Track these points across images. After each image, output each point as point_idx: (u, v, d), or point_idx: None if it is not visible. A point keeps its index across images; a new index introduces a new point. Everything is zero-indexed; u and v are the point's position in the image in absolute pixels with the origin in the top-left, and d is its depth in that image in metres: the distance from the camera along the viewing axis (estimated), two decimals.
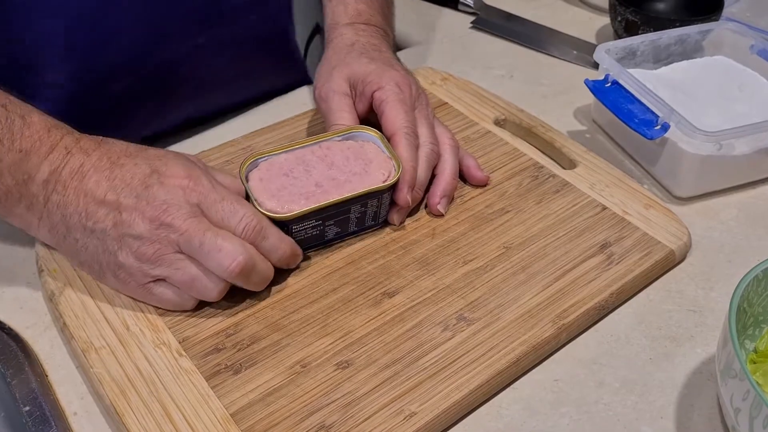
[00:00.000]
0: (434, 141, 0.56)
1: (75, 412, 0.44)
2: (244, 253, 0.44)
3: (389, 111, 0.55)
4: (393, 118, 0.55)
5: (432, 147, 0.55)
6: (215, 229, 0.44)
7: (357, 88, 0.58)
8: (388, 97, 0.56)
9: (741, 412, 0.38)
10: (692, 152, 0.57)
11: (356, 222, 0.52)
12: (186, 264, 0.45)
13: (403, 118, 0.55)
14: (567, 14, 0.87)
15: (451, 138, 0.58)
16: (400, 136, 0.54)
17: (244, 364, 0.44)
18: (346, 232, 0.52)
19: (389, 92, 0.56)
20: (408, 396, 0.43)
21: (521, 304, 0.48)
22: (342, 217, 0.50)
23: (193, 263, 0.45)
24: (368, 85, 0.57)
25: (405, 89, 0.57)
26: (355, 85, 0.58)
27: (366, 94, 0.57)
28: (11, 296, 0.50)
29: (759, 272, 0.43)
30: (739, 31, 0.68)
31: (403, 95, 0.56)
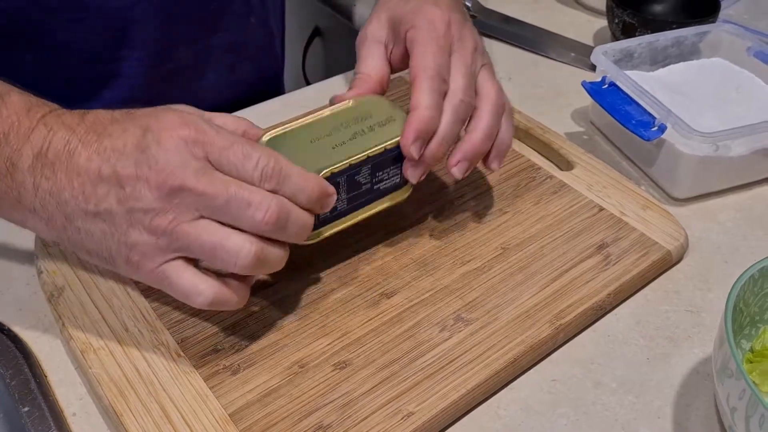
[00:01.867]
0: (468, 92, 0.48)
1: (74, 412, 0.44)
2: (274, 198, 0.39)
3: (416, 50, 0.48)
4: (418, 58, 0.48)
5: (463, 98, 0.48)
6: (235, 182, 0.39)
7: (394, 31, 0.52)
8: (417, 36, 0.49)
9: (737, 411, 0.38)
10: (689, 153, 0.57)
11: (366, 191, 0.48)
12: (206, 229, 0.39)
13: (430, 59, 0.47)
14: (565, 17, 0.87)
15: (497, 94, 0.49)
16: (421, 79, 0.47)
17: (243, 364, 0.44)
18: (356, 202, 0.48)
19: (420, 31, 0.49)
20: (406, 396, 0.43)
21: (519, 305, 0.48)
22: (352, 185, 0.47)
23: (215, 226, 0.39)
24: (402, 25, 0.50)
25: (440, 27, 0.49)
26: (393, 27, 0.52)
27: (400, 35, 0.51)
28: (10, 297, 0.51)
29: (755, 272, 0.43)
30: (736, 33, 0.69)
31: (436, 33, 0.49)
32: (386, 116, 0.48)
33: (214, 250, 0.39)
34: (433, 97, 0.47)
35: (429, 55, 0.48)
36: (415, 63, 0.48)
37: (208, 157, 0.39)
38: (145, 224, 0.39)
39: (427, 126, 0.46)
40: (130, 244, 0.39)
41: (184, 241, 0.39)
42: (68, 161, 0.39)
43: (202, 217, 0.39)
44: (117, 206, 0.39)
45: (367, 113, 0.48)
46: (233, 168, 0.39)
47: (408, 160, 0.47)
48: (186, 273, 0.40)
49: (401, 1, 0.53)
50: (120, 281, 0.49)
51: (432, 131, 0.47)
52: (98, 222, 0.39)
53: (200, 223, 0.39)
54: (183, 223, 0.39)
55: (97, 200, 0.39)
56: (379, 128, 0.48)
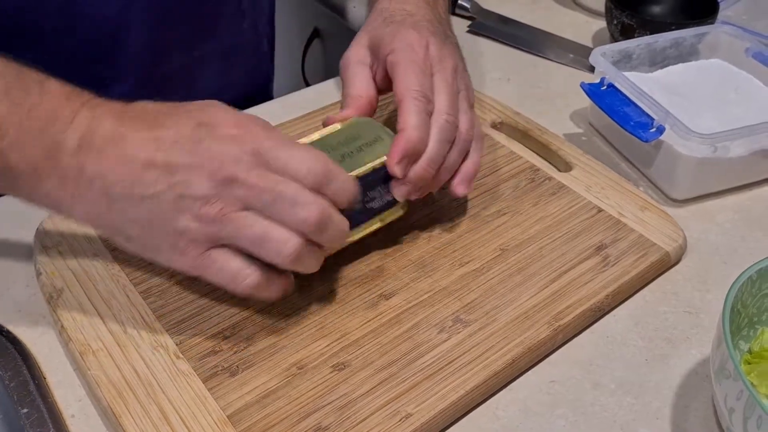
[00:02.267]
0: (453, 110, 0.49)
1: (73, 414, 0.44)
2: (317, 201, 0.40)
3: (398, 73, 0.50)
4: (401, 80, 0.49)
5: (447, 118, 0.49)
6: (284, 179, 0.40)
7: (374, 54, 0.54)
8: (398, 59, 0.50)
9: (735, 412, 0.38)
10: (687, 155, 0.57)
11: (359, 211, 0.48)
12: (254, 219, 0.40)
13: (412, 81, 0.49)
14: (563, 18, 0.87)
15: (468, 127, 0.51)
16: (407, 100, 0.48)
17: (241, 366, 0.44)
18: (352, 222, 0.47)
19: (400, 53, 0.50)
20: (404, 397, 0.43)
21: (517, 306, 0.48)
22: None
23: (260, 218, 0.40)
24: (382, 49, 0.52)
25: (419, 50, 0.51)
26: (373, 50, 0.54)
27: (381, 58, 0.52)
28: (9, 299, 0.51)
29: (753, 273, 0.43)
30: (734, 34, 0.69)
31: (415, 56, 0.50)
32: (374, 137, 0.49)
33: (262, 240, 0.40)
34: (420, 117, 0.47)
35: (412, 77, 0.49)
36: (399, 85, 0.49)
37: (258, 153, 0.40)
38: (194, 211, 0.39)
39: (414, 146, 0.47)
40: (179, 230, 0.40)
41: (231, 230, 0.40)
42: (116, 147, 0.39)
43: (249, 209, 0.40)
44: (167, 192, 0.39)
45: (355, 135, 0.50)
46: (282, 166, 0.40)
47: (394, 181, 0.48)
48: (233, 258, 0.41)
49: (382, 23, 0.55)
50: (119, 283, 0.49)
51: (420, 151, 0.47)
52: (145, 207, 0.40)
53: (247, 214, 0.40)
54: (231, 212, 0.39)
55: (146, 185, 0.39)
56: (367, 148, 0.49)
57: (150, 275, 0.50)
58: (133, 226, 0.41)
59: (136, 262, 0.51)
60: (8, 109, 0.39)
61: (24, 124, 0.39)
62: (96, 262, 0.50)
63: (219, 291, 0.49)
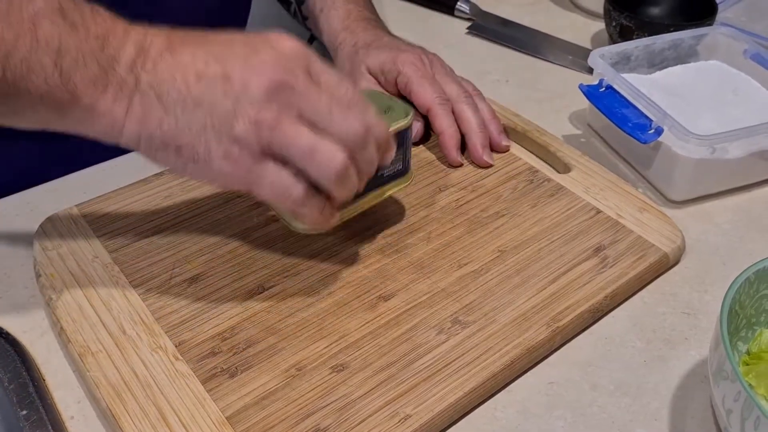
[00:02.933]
0: (463, 91, 0.62)
1: (72, 416, 0.44)
2: (364, 119, 0.42)
3: (416, 90, 0.61)
4: (422, 95, 0.61)
5: (465, 99, 0.62)
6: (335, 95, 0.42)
7: (380, 79, 0.64)
8: (409, 79, 0.61)
9: (733, 413, 0.38)
10: (686, 156, 0.57)
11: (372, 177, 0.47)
12: (305, 130, 0.40)
13: (430, 91, 0.61)
14: (562, 20, 0.87)
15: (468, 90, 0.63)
16: (435, 110, 0.60)
17: (240, 367, 0.44)
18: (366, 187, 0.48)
19: (409, 74, 0.61)
20: (403, 399, 0.43)
21: (516, 307, 0.48)
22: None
23: (310, 131, 0.41)
24: (388, 74, 0.63)
25: (420, 65, 0.62)
26: (377, 76, 0.64)
27: (390, 82, 0.63)
28: (9, 301, 0.51)
29: (751, 274, 0.43)
30: (732, 35, 0.69)
31: (421, 71, 0.62)
32: (385, 106, 0.52)
33: (313, 151, 0.40)
34: (449, 117, 0.61)
35: (428, 87, 0.61)
36: (421, 98, 0.61)
37: (309, 70, 0.41)
38: (251, 116, 0.39)
39: (456, 140, 0.61)
40: (234, 136, 0.40)
41: (285, 138, 0.40)
42: (171, 56, 0.40)
43: (303, 119, 0.40)
44: (222, 97, 0.40)
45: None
46: (329, 86, 0.42)
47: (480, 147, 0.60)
48: (284, 169, 0.41)
49: (368, 52, 0.64)
50: (119, 284, 0.49)
51: (459, 139, 0.61)
52: (199, 113, 0.40)
53: (300, 124, 0.40)
54: (286, 119, 0.40)
55: (201, 90, 0.40)
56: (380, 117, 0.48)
57: (149, 277, 0.50)
58: (187, 134, 0.40)
59: (136, 263, 0.51)
60: (67, 29, 0.40)
61: (83, 43, 0.40)
62: (95, 263, 0.51)
63: (218, 292, 0.49)
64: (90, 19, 0.41)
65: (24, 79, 0.39)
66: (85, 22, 0.40)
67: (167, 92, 0.40)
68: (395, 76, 0.62)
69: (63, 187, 0.59)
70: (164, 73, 0.40)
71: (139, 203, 0.55)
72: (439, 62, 0.65)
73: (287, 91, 0.40)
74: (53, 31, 0.39)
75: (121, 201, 0.55)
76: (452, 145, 0.60)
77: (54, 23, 0.39)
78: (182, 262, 0.51)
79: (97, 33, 0.40)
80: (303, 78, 0.41)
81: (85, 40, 0.40)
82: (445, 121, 0.60)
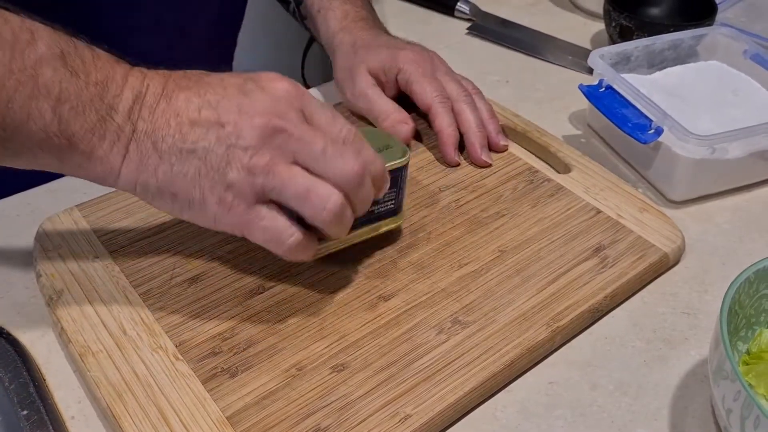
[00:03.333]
0: (463, 90, 0.62)
1: (72, 416, 0.44)
2: (358, 156, 0.42)
3: (416, 88, 0.61)
4: (422, 93, 0.61)
5: (465, 97, 0.62)
6: (328, 136, 0.42)
7: (380, 78, 0.63)
8: (410, 77, 0.62)
9: (733, 413, 0.38)
10: (686, 156, 0.57)
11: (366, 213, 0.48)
12: (300, 172, 0.41)
13: (430, 90, 0.61)
14: (562, 20, 0.87)
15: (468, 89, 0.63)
16: (435, 108, 0.60)
17: (241, 367, 0.44)
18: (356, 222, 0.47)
19: (409, 72, 0.62)
20: (403, 399, 0.43)
21: (516, 307, 0.48)
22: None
23: (306, 173, 0.41)
24: (389, 72, 0.63)
25: (420, 63, 0.62)
26: (377, 75, 0.63)
27: (390, 80, 0.63)
28: (9, 301, 0.51)
29: (750, 274, 0.43)
30: (732, 36, 0.69)
31: (422, 69, 0.62)
32: (383, 144, 0.51)
33: (307, 193, 0.41)
34: (449, 115, 0.61)
35: (427, 86, 0.61)
36: (421, 97, 0.61)
37: (303, 111, 0.42)
38: (243, 162, 0.40)
39: (454, 139, 0.60)
40: (228, 182, 0.40)
41: (279, 181, 0.40)
42: (167, 103, 0.41)
43: (296, 163, 0.41)
44: (216, 144, 0.40)
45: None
46: (323, 125, 0.42)
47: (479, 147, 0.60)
48: (279, 215, 0.42)
49: (368, 52, 0.64)
50: (119, 285, 0.49)
51: (458, 138, 0.60)
52: (194, 160, 0.40)
53: (294, 167, 0.41)
54: (280, 164, 0.40)
55: (195, 138, 0.40)
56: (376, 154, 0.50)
57: (149, 278, 0.50)
58: (182, 181, 0.41)
59: (136, 264, 0.51)
60: (68, 76, 0.40)
61: (83, 90, 0.40)
62: (96, 264, 0.51)
63: (218, 292, 0.49)
64: (91, 64, 0.41)
65: (23, 125, 0.40)
66: (85, 68, 0.41)
67: (162, 139, 0.40)
68: (395, 73, 0.62)
69: (63, 187, 0.59)
70: (160, 121, 0.41)
71: (140, 204, 0.55)
72: (438, 60, 0.65)
73: (280, 136, 0.40)
74: (54, 78, 0.40)
75: (122, 202, 0.55)
76: (450, 143, 0.60)
77: (55, 70, 0.40)
78: (183, 262, 0.51)
79: (96, 79, 0.41)
80: (296, 121, 0.41)
81: (85, 87, 0.40)
82: (444, 119, 0.60)
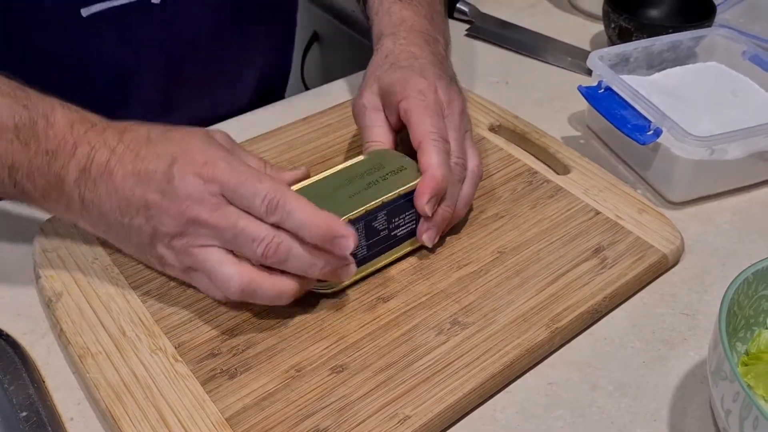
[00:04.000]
0: (461, 154, 0.53)
1: (72, 417, 0.44)
2: (279, 235, 0.44)
3: (414, 119, 0.52)
4: (418, 125, 0.51)
5: (458, 161, 0.52)
6: (245, 216, 0.44)
7: (385, 100, 0.55)
8: (411, 106, 0.52)
9: (732, 413, 0.38)
10: (685, 157, 0.57)
11: (384, 237, 0.50)
12: (213, 254, 0.45)
13: (429, 123, 0.51)
14: (561, 21, 0.87)
15: (477, 164, 0.54)
16: (427, 142, 0.50)
17: (240, 368, 0.44)
18: (375, 249, 0.50)
19: (412, 101, 0.52)
20: (402, 400, 0.43)
21: (515, 308, 0.48)
22: (370, 231, 0.49)
23: (220, 252, 0.45)
24: (393, 96, 0.54)
25: (429, 95, 0.53)
26: (384, 97, 0.56)
27: (393, 105, 0.54)
28: (9, 302, 0.51)
29: (749, 275, 0.43)
30: (731, 37, 0.69)
31: (426, 101, 0.52)
32: (398, 165, 0.51)
33: (211, 274, 0.45)
34: (441, 156, 0.50)
35: (427, 120, 0.51)
36: (416, 129, 0.51)
37: (222, 193, 0.44)
38: (165, 243, 0.46)
39: (441, 184, 0.49)
40: (157, 255, 0.47)
41: (192, 261, 0.45)
42: (108, 178, 0.45)
43: (214, 244, 0.45)
44: (145, 224, 0.45)
45: (380, 164, 0.52)
46: (244, 202, 0.44)
47: (423, 221, 0.51)
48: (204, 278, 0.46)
49: (389, 69, 0.57)
50: (118, 286, 0.49)
51: (444, 189, 0.50)
52: (132, 232, 0.46)
53: (209, 249, 0.45)
54: (194, 246, 0.45)
55: (130, 216, 0.45)
56: (392, 176, 0.51)
57: (149, 279, 0.50)
58: (129, 244, 0.48)
59: (135, 265, 0.51)
60: (19, 147, 0.45)
61: (33, 160, 0.45)
62: (95, 265, 0.51)
63: None
64: (42, 134, 0.45)
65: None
66: (37, 139, 0.45)
67: (107, 213, 0.46)
68: (399, 100, 0.53)
69: None
70: (103, 195, 0.45)
71: None
72: (459, 110, 0.55)
73: (196, 224, 0.44)
74: (7, 149, 0.45)
75: None
76: (430, 186, 0.49)
77: (10, 142, 0.45)
78: None
79: (47, 149, 0.45)
80: (212, 208, 0.44)
81: (35, 157, 0.45)
82: (434, 158, 0.49)
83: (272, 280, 0.45)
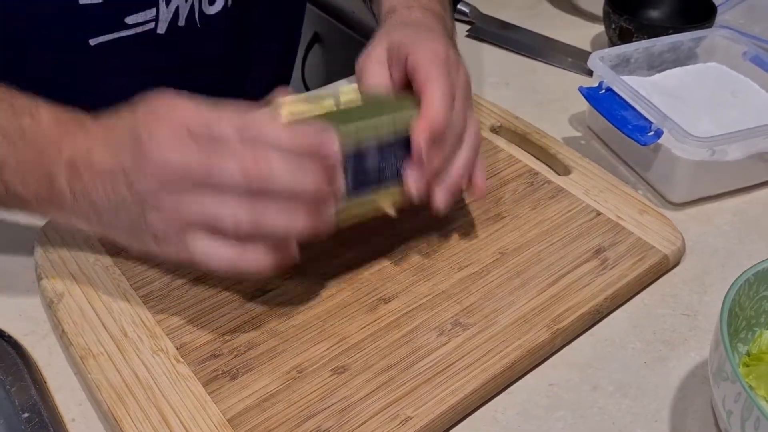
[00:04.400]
0: (464, 116, 0.50)
1: (73, 418, 0.44)
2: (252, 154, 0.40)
3: (422, 69, 0.49)
4: (426, 75, 0.49)
5: (459, 114, 0.50)
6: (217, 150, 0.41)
7: (393, 55, 0.53)
8: (421, 60, 0.50)
9: (733, 414, 0.38)
10: (685, 158, 0.57)
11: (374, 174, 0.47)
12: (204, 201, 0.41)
13: (437, 73, 0.49)
14: (562, 22, 0.87)
15: (477, 130, 0.51)
16: (432, 84, 0.48)
17: (241, 369, 0.45)
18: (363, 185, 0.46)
19: (422, 54, 0.50)
20: (403, 401, 0.43)
21: (516, 309, 0.49)
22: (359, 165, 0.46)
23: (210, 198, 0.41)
24: (403, 49, 0.52)
25: (442, 55, 0.51)
26: (392, 51, 0.53)
27: (401, 59, 0.52)
28: (10, 304, 0.51)
29: (750, 276, 0.43)
30: (731, 37, 0.69)
31: (438, 59, 0.50)
32: (397, 105, 0.48)
33: (215, 218, 0.41)
34: (445, 100, 0.47)
35: (436, 70, 0.49)
36: (422, 75, 0.49)
37: (191, 135, 0.41)
38: (152, 203, 0.42)
39: (441, 124, 0.46)
40: (149, 223, 0.43)
41: (186, 213, 0.42)
42: (89, 162, 0.44)
43: (199, 191, 0.41)
44: (128, 194, 0.43)
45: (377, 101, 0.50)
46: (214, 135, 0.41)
47: (413, 167, 0.47)
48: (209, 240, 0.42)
49: (400, 26, 0.55)
50: (120, 287, 0.49)
51: (443, 131, 0.47)
52: (121, 213, 0.43)
53: (197, 197, 0.41)
54: (182, 197, 0.41)
55: (115, 194, 0.43)
56: (390, 113, 0.47)
57: (150, 280, 0.50)
58: (123, 231, 0.45)
59: (137, 266, 0.51)
60: (5, 146, 0.45)
61: (21, 159, 0.45)
62: (97, 266, 0.51)
63: (219, 295, 0.49)
64: (30, 133, 0.45)
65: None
66: (23, 137, 0.45)
67: (96, 201, 0.44)
68: (407, 53, 0.51)
69: None
70: (88, 181, 0.44)
71: None
72: (464, 77, 0.53)
73: (174, 173, 0.41)
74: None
75: None
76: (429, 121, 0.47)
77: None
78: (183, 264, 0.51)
79: (35, 145, 0.45)
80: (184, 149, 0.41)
81: (23, 155, 0.45)
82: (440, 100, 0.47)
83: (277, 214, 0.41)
